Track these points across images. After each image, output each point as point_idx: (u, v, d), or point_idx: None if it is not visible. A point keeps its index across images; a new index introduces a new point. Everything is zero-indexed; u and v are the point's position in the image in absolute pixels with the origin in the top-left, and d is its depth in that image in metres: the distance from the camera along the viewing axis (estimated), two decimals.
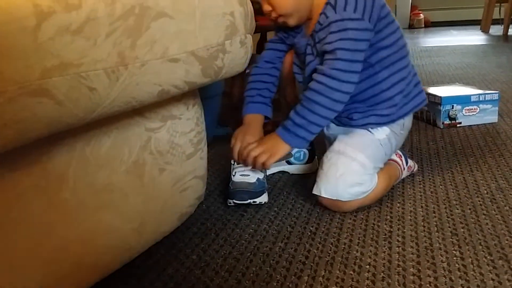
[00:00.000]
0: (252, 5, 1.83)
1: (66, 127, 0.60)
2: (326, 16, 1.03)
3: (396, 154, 1.19)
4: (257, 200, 1.12)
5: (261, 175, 1.15)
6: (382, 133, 1.11)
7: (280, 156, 1.08)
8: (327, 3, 1.04)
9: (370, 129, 1.11)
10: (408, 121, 1.16)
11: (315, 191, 1.06)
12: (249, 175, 1.13)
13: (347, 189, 1.03)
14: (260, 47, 2.16)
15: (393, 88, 1.10)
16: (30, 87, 0.52)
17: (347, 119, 1.12)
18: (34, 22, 0.52)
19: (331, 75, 1.01)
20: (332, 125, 1.17)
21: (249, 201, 1.11)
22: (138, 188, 0.82)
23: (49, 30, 0.54)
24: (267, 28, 1.83)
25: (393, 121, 1.11)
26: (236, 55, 0.90)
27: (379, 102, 1.10)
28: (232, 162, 1.18)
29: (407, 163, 1.22)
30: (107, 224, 0.77)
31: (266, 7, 1.11)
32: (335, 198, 1.04)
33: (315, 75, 1.04)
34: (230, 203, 1.12)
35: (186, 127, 0.93)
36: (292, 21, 1.12)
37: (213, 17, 0.82)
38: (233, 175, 1.14)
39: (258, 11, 1.81)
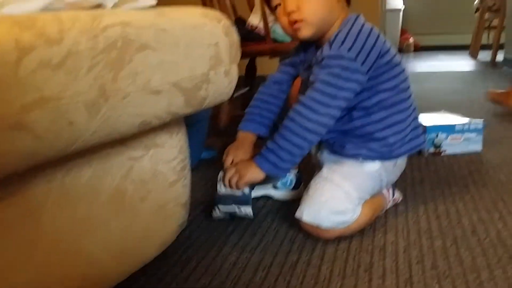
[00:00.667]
0: (241, 29, 1.84)
1: (45, 159, 0.60)
2: (322, 52, 1.05)
3: (386, 188, 1.20)
4: (242, 209, 1.11)
5: (246, 190, 1.14)
6: (373, 166, 1.11)
7: (248, 178, 1.08)
8: (329, 41, 1.05)
9: (360, 160, 1.11)
10: (401, 160, 1.17)
11: (297, 215, 1.07)
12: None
13: (329, 216, 1.03)
14: (249, 71, 2.17)
15: (389, 129, 1.10)
16: (8, 121, 0.52)
17: (340, 147, 1.13)
18: (15, 57, 0.53)
19: (305, 104, 1.02)
20: (325, 153, 1.18)
21: (233, 206, 1.11)
22: (118, 217, 0.82)
23: (30, 65, 0.54)
24: (256, 53, 1.84)
25: (385, 158, 1.12)
26: (220, 85, 0.91)
27: (372, 140, 1.10)
28: (219, 177, 1.17)
29: (393, 195, 1.23)
30: (86, 253, 0.77)
31: (291, 7, 1.04)
32: (316, 224, 1.05)
33: (294, 104, 1.05)
34: (215, 211, 1.13)
35: (169, 155, 0.94)
36: (306, 32, 1.06)
37: (198, 48, 0.83)
38: (219, 187, 1.14)
39: (247, 37, 1.84)
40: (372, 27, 1.06)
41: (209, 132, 1.71)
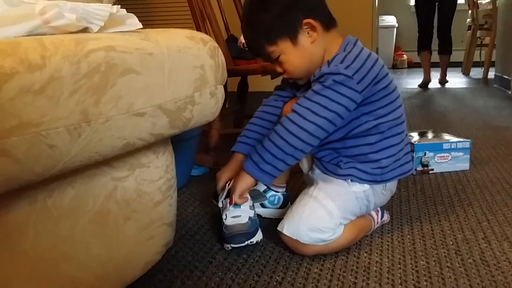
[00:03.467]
0: (233, 47, 1.85)
1: (25, 183, 0.61)
2: (320, 70, 1.06)
3: (374, 210, 1.20)
4: (254, 240, 1.13)
5: (251, 213, 1.16)
6: (360, 187, 1.11)
7: (240, 187, 1.10)
8: (328, 61, 1.07)
9: (349, 182, 1.11)
10: (391, 184, 1.18)
11: (279, 227, 1.09)
12: (240, 215, 1.14)
13: (307, 232, 1.04)
14: (241, 88, 2.19)
15: (383, 152, 1.11)
16: None
17: (331, 166, 1.13)
18: None
19: (294, 110, 1.03)
20: (316, 171, 1.18)
21: (246, 242, 1.12)
22: (101, 238, 0.83)
23: (10, 92, 0.55)
24: (248, 72, 1.86)
25: (375, 182, 1.12)
26: (206, 106, 0.92)
27: (364, 162, 1.11)
28: (221, 206, 1.19)
29: (382, 217, 1.23)
30: (68, 275, 0.77)
31: (278, 69, 1.15)
32: (295, 238, 1.06)
33: None
34: (227, 248, 1.13)
35: (154, 175, 0.94)
36: (302, 82, 1.17)
37: (183, 70, 0.84)
38: (225, 219, 1.15)
39: (239, 55, 1.85)
40: (371, 52, 1.09)
41: (199, 149, 1.72)
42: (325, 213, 1.06)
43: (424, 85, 4.19)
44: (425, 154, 1.66)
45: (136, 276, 0.93)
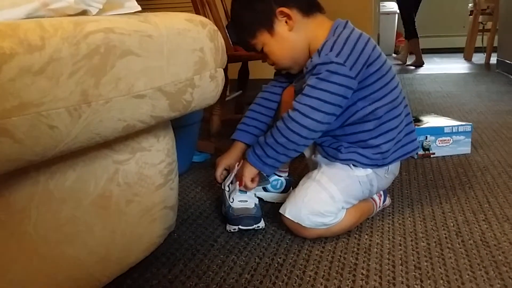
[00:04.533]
0: (233, 34, 1.85)
1: (27, 163, 0.61)
2: (311, 61, 1.06)
3: (377, 194, 1.20)
4: (260, 225, 1.14)
5: (256, 201, 1.19)
6: (363, 172, 1.12)
7: (247, 176, 1.12)
8: (318, 49, 1.06)
9: (351, 166, 1.12)
10: (394, 166, 1.18)
11: (281, 210, 1.10)
12: (246, 200, 1.17)
13: (309, 216, 1.05)
14: (241, 75, 2.19)
15: (382, 137, 1.11)
16: None
17: (332, 151, 1.13)
18: None
19: (294, 107, 1.03)
20: (319, 156, 1.18)
21: (254, 226, 1.13)
22: (103, 220, 0.83)
23: (10, 72, 0.55)
24: (248, 58, 1.85)
25: (377, 166, 1.12)
26: (206, 89, 0.92)
27: (365, 147, 1.11)
28: (227, 189, 1.21)
29: (384, 201, 1.24)
30: (71, 257, 0.78)
31: (268, 61, 1.18)
32: (296, 221, 1.06)
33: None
34: (234, 229, 1.14)
35: (156, 158, 0.95)
36: (294, 71, 1.18)
37: (182, 53, 0.84)
38: (231, 201, 1.16)
39: (239, 43, 1.84)
40: (361, 33, 1.08)
41: (201, 135, 1.72)
42: (328, 197, 1.06)
43: (419, 65, 4.69)
44: (426, 138, 1.66)
45: (138, 258, 0.94)
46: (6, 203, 0.66)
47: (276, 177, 1.35)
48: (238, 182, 1.15)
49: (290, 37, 1.11)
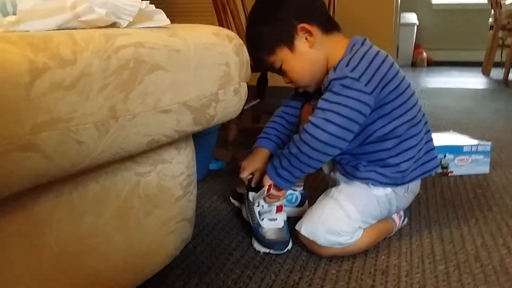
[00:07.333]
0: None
1: (53, 178, 0.61)
2: (327, 77, 1.05)
3: (397, 213, 1.19)
4: (289, 247, 1.13)
5: (284, 216, 1.17)
6: (382, 191, 1.10)
7: (267, 183, 1.11)
8: (334, 67, 1.06)
9: (370, 185, 1.10)
10: (414, 185, 1.16)
11: (297, 227, 1.09)
12: (276, 218, 1.16)
13: (325, 234, 1.04)
14: (260, 83, 2.18)
15: (401, 156, 1.09)
16: (18, 143, 0.53)
17: (351, 169, 1.12)
18: (27, 79, 0.54)
19: (309, 119, 1.02)
20: (338, 173, 1.17)
21: (285, 250, 1.12)
22: (123, 232, 0.83)
23: (42, 87, 0.55)
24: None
25: (396, 184, 1.11)
26: (229, 103, 0.92)
27: (384, 166, 1.09)
28: (257, 205, 1.19)
29: (404, 221, 1.22)
30: (89, 268, 0.78)
31: (285, 79, 1.16)
32: (312, 239, 1.05)
33: None
34: (264, 251, 1.12)
35: (176, 170, 0.95)
36: (311, 89, 1.17)
37: (208, 67, 0.84)
38: (261, 220, 1.16)
39: None
40: (379, 51, 1.07)
41: (217, 143, 1.72)
42: (344, 216, 1.05)
43: None
44: (445, 156, 1.65)
45: (155, 270, 0.94)
46: (30, 215, 0.67)
47: (291, 191, 1.34)
48: (266, 197, 1.14)
49: (311, 54, 1.10)
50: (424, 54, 6.05)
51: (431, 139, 1.17)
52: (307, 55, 1.11)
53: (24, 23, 0.69)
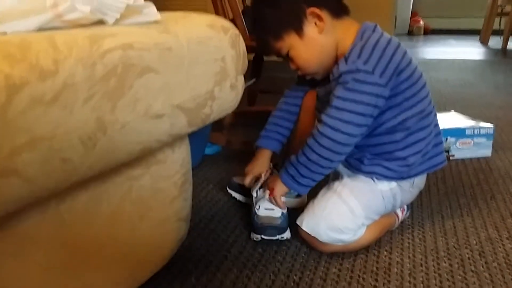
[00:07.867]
0: (249, 20, 1.78)
1: (37, 200, 0.57)
2: (338, 68, 1.00)
3: (400, 207, 1.15)
4: (284, 236, 1.10)
5: (284, 210, 1.14)
6: (387, 185, 1.06)
7: (277, 192, 1.08)
8: (344, 56, 1.00)
9: (374, 179, 1.07)
10: (419, 179, 1.12)
11: (298, 221, 1.05)
12: (273, 209, 1.12)
13: (327, 231, 1.01)
14: (255, 62, 2.12)
15: (409, 149, 1.04)
16: None
17: (355, 162, 1.08)
18: (4, 98, 0.48)
19: (324, 122, 0.98)
20: (341, 165, 1.13)
21: (277, 237, 1.09)
22: (116, 239, 0.79)
23: (20, 104, 0.50)
24: None
25: (401, 178, 1.07)
26: (226, 99, 0.87)
27: (390, 159, 1.05)
28: (255, 195, 1.18)
29: (406, 214, 1.19)
30: (82, 281, 0.74)
31: (292, 66, 1.10)
32: (313, 235, 1.02)
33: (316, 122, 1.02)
34: (256, 238, 1.10)
35: (170, 170, 0.90)
36: (319, 76, 1.11)
37: (203, 64, 0.79)
38: (257, 209, 1.13)
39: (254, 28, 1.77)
40: (390, 38, 1.01)
41: (213, 126, 1.67)
42: (348, 211, 1.02)
43: None
44: (446, 140, 1.60)
45: (151, 273, 0.90)
46: (14, 233, 0.62)
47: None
48: (267, 191, 1.11)
49: (320, 40, 1.04)
50: (421, 22, 5.96)
51: (440, 133, 1.13)
52: (316, 41, 1.04)
53: (2, 25, 0.63)
